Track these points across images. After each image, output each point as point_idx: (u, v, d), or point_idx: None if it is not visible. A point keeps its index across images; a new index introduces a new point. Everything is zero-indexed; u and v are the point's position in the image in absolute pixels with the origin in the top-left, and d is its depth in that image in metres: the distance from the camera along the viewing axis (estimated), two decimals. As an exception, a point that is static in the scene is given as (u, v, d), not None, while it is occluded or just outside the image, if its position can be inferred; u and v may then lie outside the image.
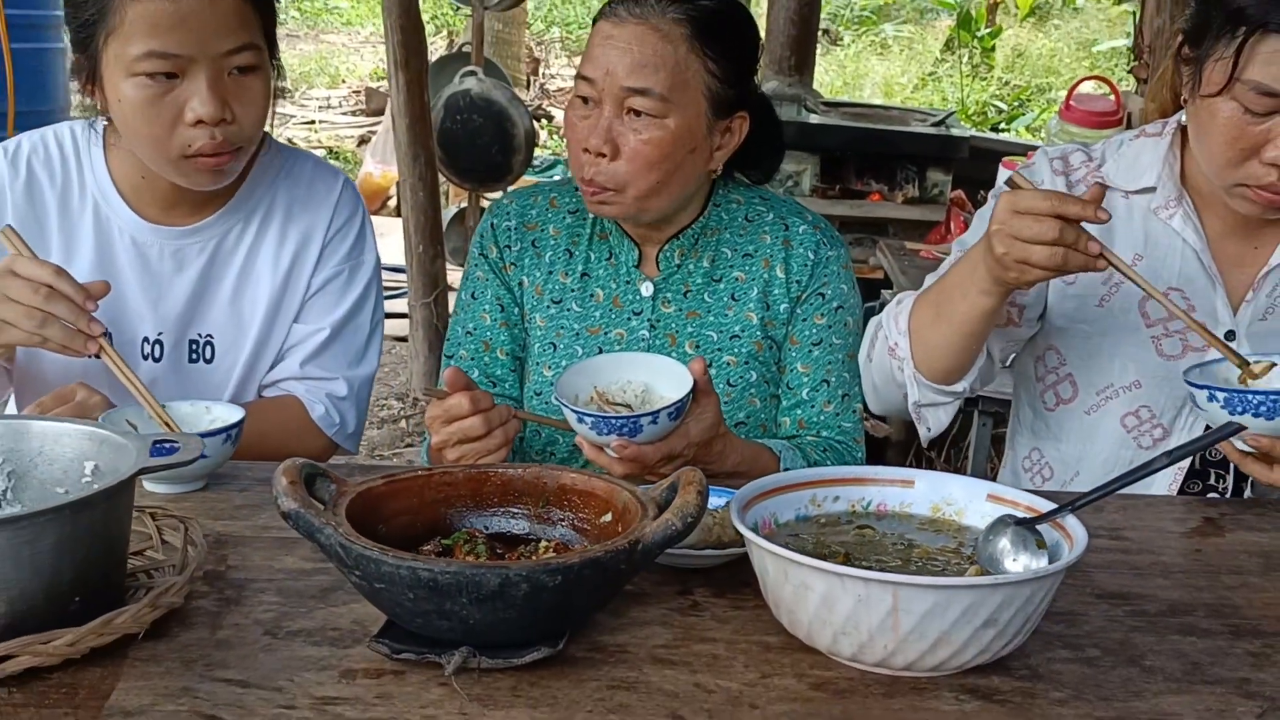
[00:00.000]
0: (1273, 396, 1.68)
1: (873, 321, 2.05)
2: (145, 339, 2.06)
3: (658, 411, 1.73)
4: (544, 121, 11.39)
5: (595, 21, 2.01)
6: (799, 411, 2.08)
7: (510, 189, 5.96)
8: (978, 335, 1.87)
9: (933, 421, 1.99)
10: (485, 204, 6.11)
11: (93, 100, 1.94)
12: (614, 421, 1.73)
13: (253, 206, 2.09)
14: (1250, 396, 1.69)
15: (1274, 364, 1.76)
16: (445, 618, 1.25)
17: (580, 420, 1.74)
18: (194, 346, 2.08)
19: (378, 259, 2.21)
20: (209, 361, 2.06)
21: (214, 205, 2.06)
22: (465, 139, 5.77)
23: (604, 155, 1.94)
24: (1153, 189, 2.00)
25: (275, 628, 1.36)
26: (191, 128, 1.86)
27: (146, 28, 1.81)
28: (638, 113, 1.93)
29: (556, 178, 8.60)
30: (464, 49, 6.21)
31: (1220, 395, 1.71)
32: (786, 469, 1.93)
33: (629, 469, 1.73)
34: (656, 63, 1.92)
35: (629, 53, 1.92)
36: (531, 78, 12.50)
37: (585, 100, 1.97)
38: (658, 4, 1.94)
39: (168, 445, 1.42)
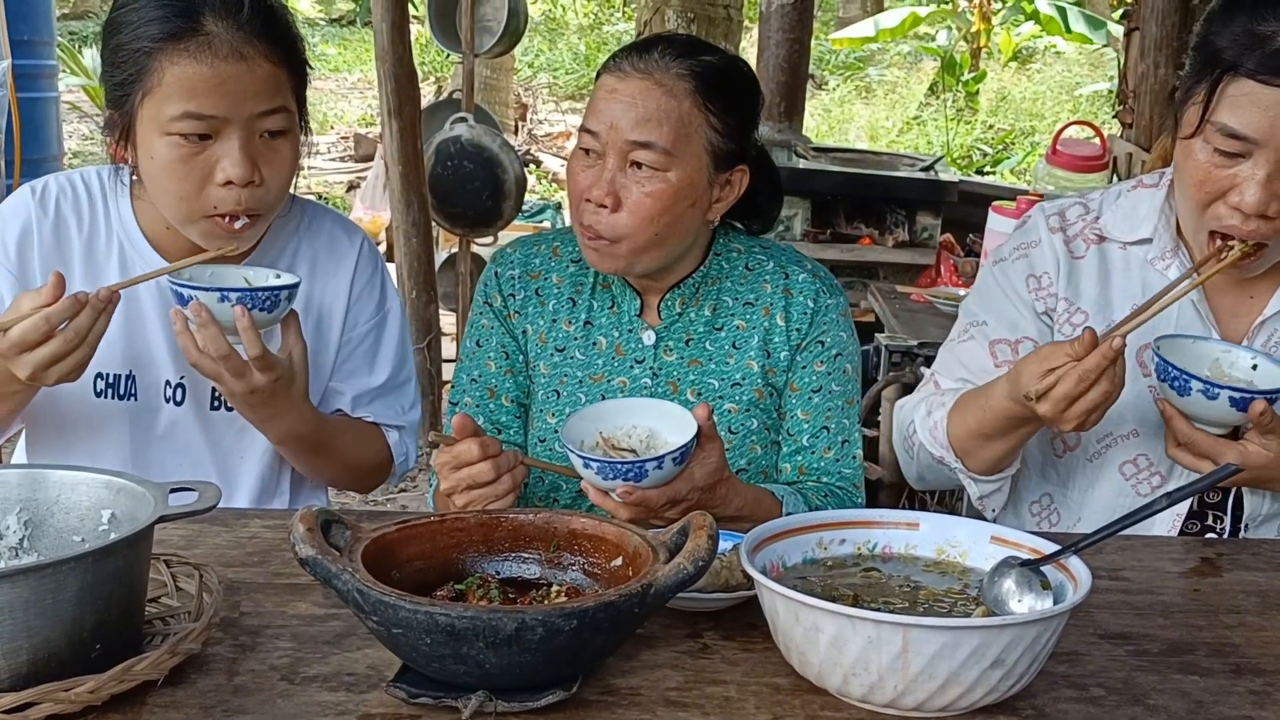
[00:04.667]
0: (1186, 376, 1.84)
1: (898, 414, 2.12)
2: (167, 382, 2.07)
3: (662, 456, 1.76)
4: (533, 167, 11.45)
5: (599, 75, 2.04)
6: (799, 458, 2.11)
7: (504, 235, 6.01)
8: (1029, 437, 1.99)
9: (996, 503, 2.11)
10: (476, 249, 6.14)
11: (124, 156, 1.96)
12: (619, 466, 1.75)
13: (273, 259, 2.10)
14: (1172, 370, 1.85)
15: None
16: (461, 662, 1.27)
17: (586, 465, 1.76)
18: (215, 393, 2.08)
19: (401, 304, 2.25)
20: (230, 410, 2.07)
21: (237, 257, 2.06)
22: (456, 185, 5.80)
23: (605, 206, 1.97)
24: (1149, 240, 2.04)
25: (291, 673, 1.37)
26: (220, 188, 1.89)
27: (184, 89, 1.84)
28: (640, 165, 1.96)
29: (546, 223, 8.66)
30: (454, 95, 6.25)
31: (1156, 359, 1.88)
32: (789, 513, 1.95)
33: (634, 513, 1.75)
34: (660, 117, 1.95)
35: (633, 107, 1.96)
36: (520, 123, 12.58)
37: (588, 152, 2.00)
38: (662, 59, 1.98)
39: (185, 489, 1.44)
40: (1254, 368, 1.91)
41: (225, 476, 2.11)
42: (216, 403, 2.09)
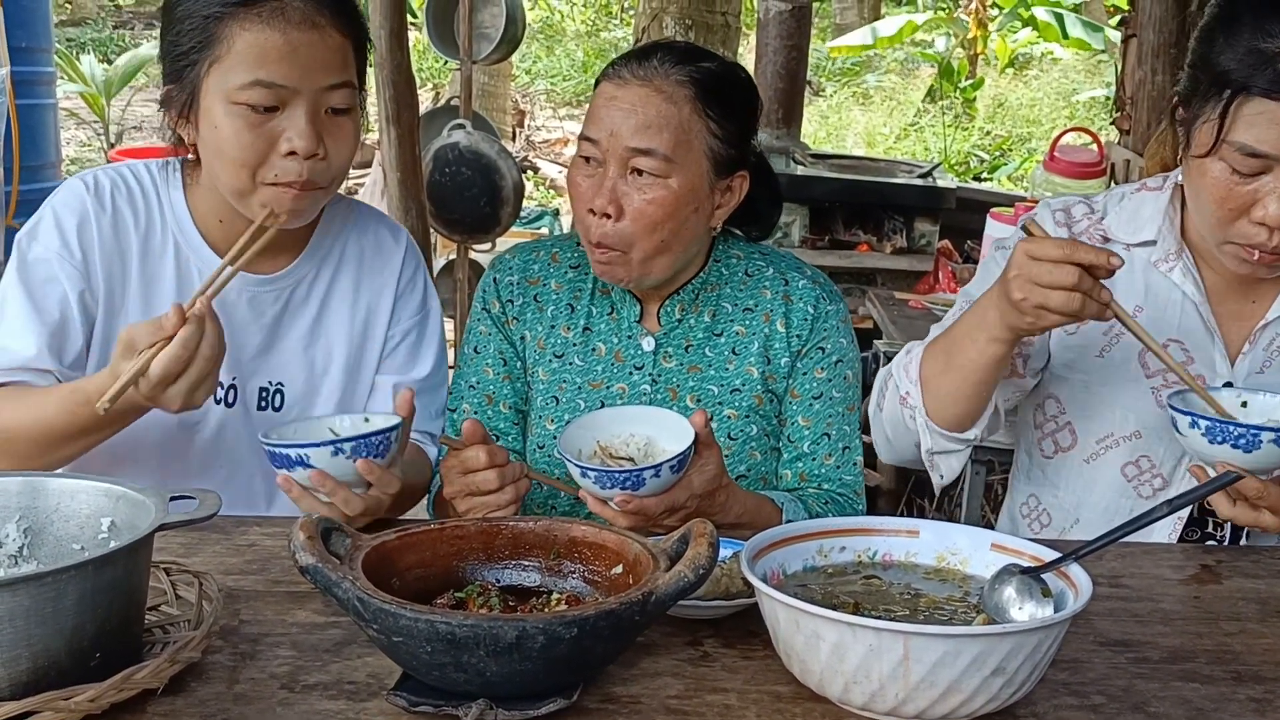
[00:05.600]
0: (1253, 430, 1.74)
1: (881, 372, 2.08)
2: (220, 383, 2.00)
3: (660, 464, 1.75)
4: (531, 173, 11.45)
5: (598, 83, 2.04)
6: (800, 464, 2.11)
7: (502, 242, 6.00)
8: (987, 383, 1.89)
9: (945, 469, 2.01)
10: (474, 256, 6.13)
11: (182, 132, 1.91)
12: (617, 475, 1.75)
13: (324, 255, 2.08)
14: (1231, 428, 1.75)
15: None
16: (462, 670, 1.27)
17: (584, 475, 1.76)
18: (264, 394, 2.05)
19: (439, 305, 2.23)
20: (278, 410, 2.04)
21: (289, 253, 2.05)
22: (454, 191, 5.79)
23: (609, 215, 1.96)
24: (1153, 242, 2.04)
25: (292, 682, 1.37)
26: (283, 158, 1.85)
27: (255, 57, 1.82)
28: (641, 172, 1.96)
29: (544, 229, 8.64)
30: (452, 102, 6.26)
31: (1202, 423, 1.77)
32: (789, 520, 1.95)
33: (632, 521, 1.75)
34: (660, 123, 1.95)
35: (633, 114, 1.95)
36: (517, 130, 12.58)
37: (588, 160, 2.00)
38: (661, 65, 1.98)
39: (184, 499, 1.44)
40: (1243, 405, 1.86)
41: (270, 478, 2.03)
42: (264, 404, 2.06)
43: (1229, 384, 2.00)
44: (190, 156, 1.97)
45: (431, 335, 2.18)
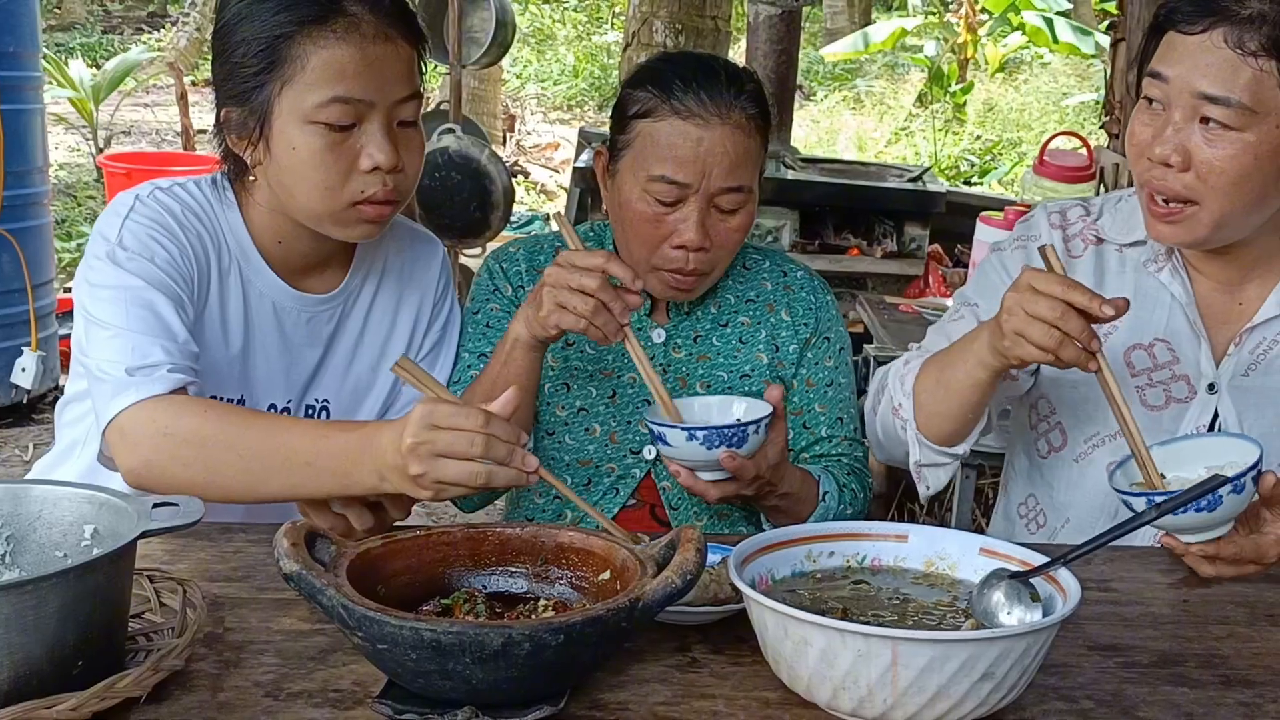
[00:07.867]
0: (1212, 492, 1.61)
1: (879, 373, 2.10)
2: (273, 406, 1.98)
3: (759, 421, 1.85)
4: (521, 178, 11.43)
5: (655, 115, 2.01)
6: (818, 448, 2.19)
7: (492, 247, 5.99)
8: (975, 405, 1.90)
9: (932, 480, 2.02)
10: (464, 260, 6.12)
11: (245, 155, 1.86)
12: (725, 431, 1.82)
13: (367, 269, 2.06)
14: (1190, 496, 1.61)
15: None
16: (448, 678, 1.26)
17: (690, 437, 1.82)
18: (310, 412, 2.02)
19: (460, 311, 2.20)
20: None
21: (339, 270, 2.02)
22: (444, 196, 5.77)
23: (703, 249, 2.02)
24: (1143, 243, 2.04)
25: (276, 690, 1.36)
26: (366, 174, 1.82)
27: (332, 74, 1.78)
28: (725, 205, 2.02)
29: (534, 233, 8.63)
30: (442, 106, 6.23)
31: (1158, 498, 1.63)
32: (824, 491, 2.08)
33: (727, 490, 1.89)
34: (746, 159, 2.02)
35: (725, 155, 1.99)
36: (508, 134, 12.55)
37: (663, 199, 2.01)
38: (728, 95, 2.00)
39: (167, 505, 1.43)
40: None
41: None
42: None
43: (1211, 385, 1.99)
44: (252, 178, 1.90)
45: (452, 340, 2.16)
